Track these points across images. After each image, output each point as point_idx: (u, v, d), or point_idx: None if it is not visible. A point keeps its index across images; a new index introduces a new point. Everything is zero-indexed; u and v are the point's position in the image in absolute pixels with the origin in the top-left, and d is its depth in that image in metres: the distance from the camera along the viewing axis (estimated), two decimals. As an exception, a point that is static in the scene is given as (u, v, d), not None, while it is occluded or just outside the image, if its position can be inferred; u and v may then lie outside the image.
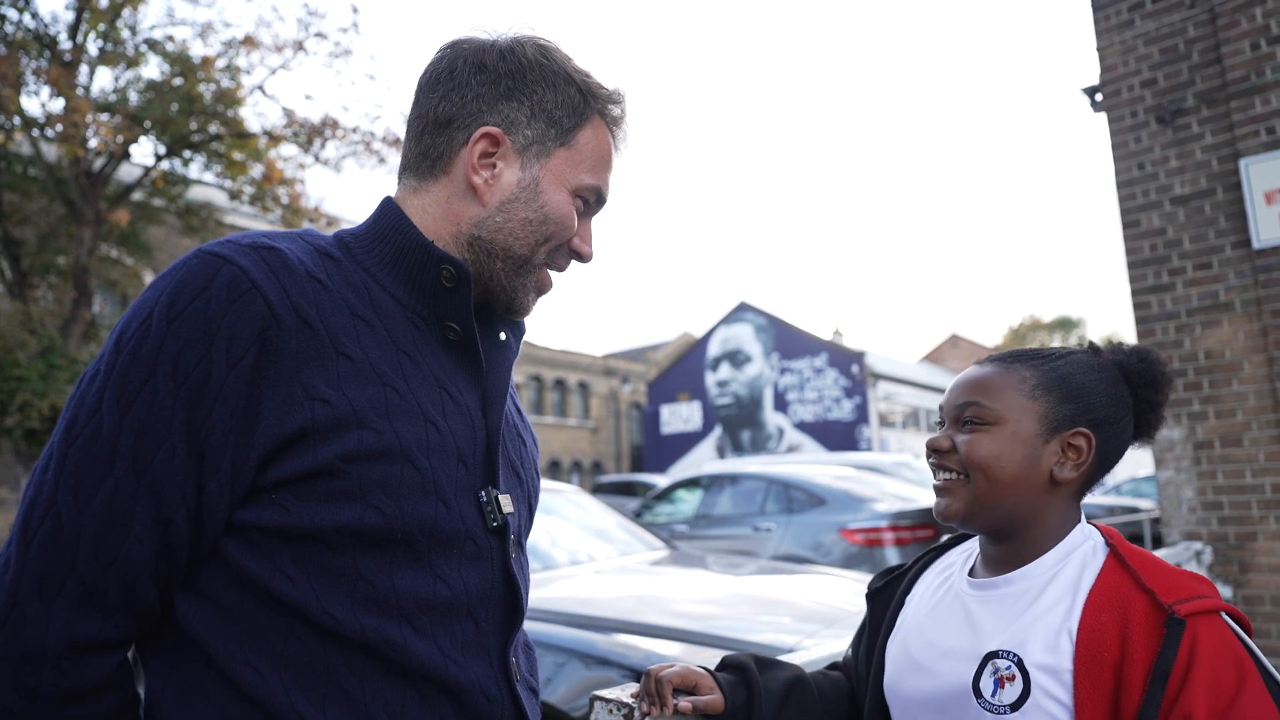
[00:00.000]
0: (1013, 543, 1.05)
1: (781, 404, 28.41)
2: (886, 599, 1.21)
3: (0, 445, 12.86)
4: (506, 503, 0.93)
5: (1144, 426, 1.09)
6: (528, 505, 1.02)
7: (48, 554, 0.76)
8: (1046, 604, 0.98)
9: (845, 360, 27.44)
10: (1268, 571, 4.12)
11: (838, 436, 26.69)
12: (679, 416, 30.87)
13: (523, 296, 0.97)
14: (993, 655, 0.98)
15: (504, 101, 0.93)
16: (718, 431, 29.73)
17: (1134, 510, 10.38)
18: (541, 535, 4.14)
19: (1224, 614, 0.93)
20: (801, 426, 27.87)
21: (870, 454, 11.37)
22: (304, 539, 0.81)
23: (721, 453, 29.12)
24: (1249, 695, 0.86)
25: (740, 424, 29.30)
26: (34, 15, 12.62)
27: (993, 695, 0.95)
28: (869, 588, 1.26)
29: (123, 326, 0.81)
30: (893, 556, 5.95)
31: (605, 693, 1.12)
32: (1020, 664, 0.95)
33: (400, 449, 0.83)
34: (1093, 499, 12.01)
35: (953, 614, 1.07)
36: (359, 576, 0.82)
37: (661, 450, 31.02)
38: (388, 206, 0.96)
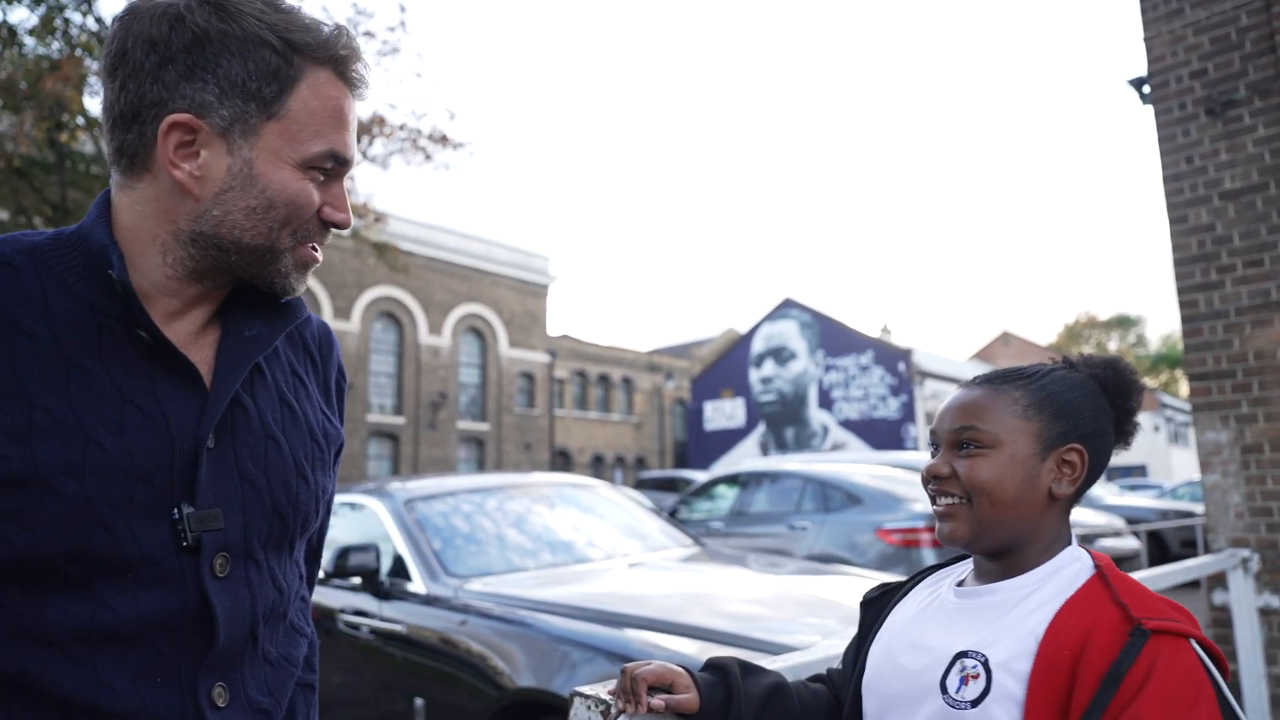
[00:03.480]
0: (1007, 558, 1.08)
1: (826, 401, 28.14)
2: (879, 609, 1.24)
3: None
4: (214, 518, 0.84)
5: (1122, 434, 1.12)
6: (274, 513, 0.91)
7: None
8: (1023, 611, 1.01)
9: (892, 357, 27.07)
10: (1319, 581, 3.96)
11: (883, 435, 26.36)
12: (722, 413, 30.79)
13: (282, 280, 0.89)
14: (962, 655, 1.01)
15: (185, 83, 0.81)
16: (761, 428, 29.58)
17: (1189, 515, 10.08)
18: (569, 529, 4.17)
19: (1194, 643, 0.93)
20: (846, 424, 27.58)
21: (913, 453, 11.22)
22: None
23: (765, 450, 28.97)
24: (1201, 717, 0.86)
25: (784, 421, 29.10)
26: (97, 19, 13.06)
27: (956, 691, 0.99)
28: (864, 597, 1.28)
29: None
30: (929, 557, 5.85)
31: (584, 688, 1.13)
32: (986, 664, 0.98)
33: (35, 475, 0.76)
34: (1146, 502, 11.68)
35: (935, 618, 1.10)
36: (3, 608, 0.77)
37: (705, 446, 30.98)
38: (98, 203, 0.87)
